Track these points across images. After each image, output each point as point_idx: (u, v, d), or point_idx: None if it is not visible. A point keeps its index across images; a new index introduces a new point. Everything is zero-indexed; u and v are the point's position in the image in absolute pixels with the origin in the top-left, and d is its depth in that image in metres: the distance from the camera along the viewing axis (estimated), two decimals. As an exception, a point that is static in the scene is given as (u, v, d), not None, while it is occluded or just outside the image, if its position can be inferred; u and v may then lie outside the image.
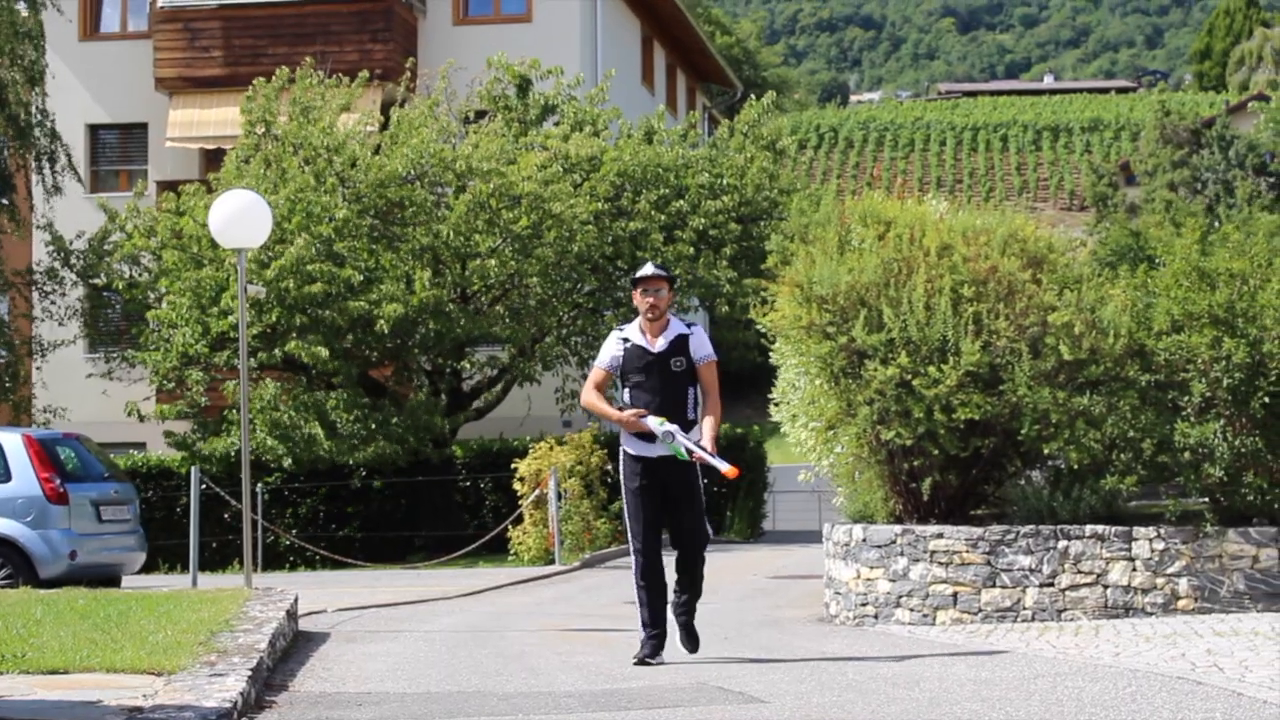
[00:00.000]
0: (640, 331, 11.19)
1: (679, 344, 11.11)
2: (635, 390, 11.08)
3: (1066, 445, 13.34)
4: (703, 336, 11.26)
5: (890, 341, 13.58)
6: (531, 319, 29.25)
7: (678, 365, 11.04)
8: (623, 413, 10.98)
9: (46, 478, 19.13)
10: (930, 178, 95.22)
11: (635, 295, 11.28)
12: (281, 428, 28.12)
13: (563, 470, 25.71)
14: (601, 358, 11.33)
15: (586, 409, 11.56)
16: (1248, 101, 74.56)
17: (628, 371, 11.14)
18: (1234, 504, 13.33)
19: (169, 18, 36.13)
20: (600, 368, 11.30)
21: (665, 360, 11.04)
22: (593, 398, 11.30)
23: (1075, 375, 13.35)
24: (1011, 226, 14.53)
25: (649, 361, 11.06)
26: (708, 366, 11.16)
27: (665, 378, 11.02)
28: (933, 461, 13.82)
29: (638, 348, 11.12)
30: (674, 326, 11.19)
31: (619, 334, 11.31)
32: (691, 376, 11.11)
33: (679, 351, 11.09)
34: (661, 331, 11.13)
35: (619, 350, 11.18)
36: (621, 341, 11.21)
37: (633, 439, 11.05)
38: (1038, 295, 13.64)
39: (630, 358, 11.12)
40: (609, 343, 11.34)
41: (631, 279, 11.52)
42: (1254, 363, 13.05)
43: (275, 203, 26.37)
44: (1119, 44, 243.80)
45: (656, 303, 11.13)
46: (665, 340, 11.09)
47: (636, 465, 11.07)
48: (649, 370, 11.05)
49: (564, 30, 36.13)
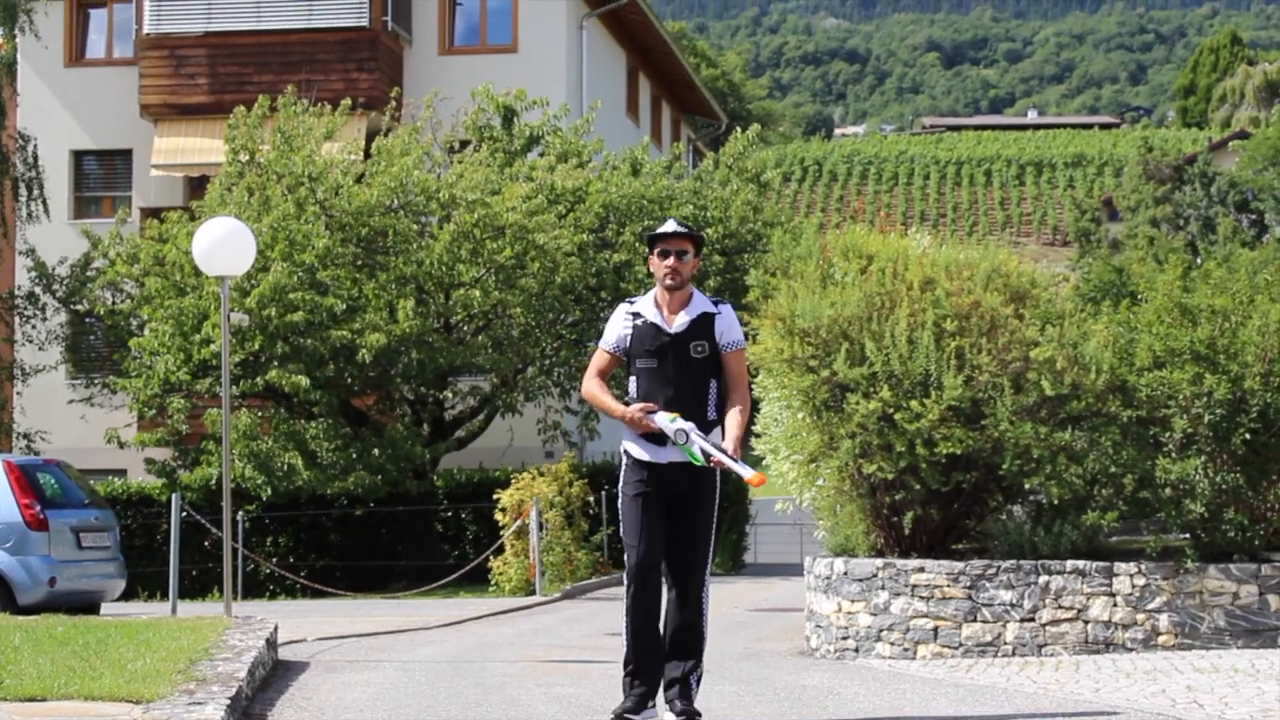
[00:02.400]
0: (655, 305, 9.20)
1: (702, 324, 9.11)
2: (644, 379, 9.12)
3: (1048, 480, 13.35)
4: (732, 318, 9.23)
5: (872, 375, 13.59)
6: (514, 349, 29.25)
7: (699, 350, 9.07)
8: (628, 407, 9.02)
9: (26, 504, 19.09)
10: (914, 211, 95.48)
11: (651, 259, 9.25)
12: (260, 457, 28.09)
13: (544, 501, 25.69)
14: (606, 337, 9.33)
15: (585, 400, 9.60)
16: (1230, 139, 74.98)
17: (636, 355, 9.16)
18: (1215, 540, 13.35)
19: (155, 44, 36.14)
20: (604, 349, 9.30)
21: (684, 343, 9.07)
22: (593, 387, 9.29)
23: (1057, 410, 13.36)
24: (994, 261, 14.55)
25: (664, 343, 9.08)
26: (736, 355, 9.17)
27: (682, 365, 9.05)
28: (914, 495, 13.82)
29: (651, 325, 9.13)
30: (697, 302, 9.20)
31: (628, 308, 9.32)
32: (715, 365, 9.11)
33: (702, 333, 9.09)
34: (682, 306, 9.16)
35: (627, 328, 9.21)
36: (631, 317, 9.24)
37: (638, 440, 9.11)
38: (1020, 330, 13.66)
39: (641, 337, 9.14)
40: (615, 318, 9.33)
41: (647, 237, 9.54)
42: (1235, 399, 13.08)
43: (258, 230, 26.36)
44: (1103, 80, 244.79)
45: (678, 267, 9.10)
46: (686, 317, 9.12)
47: (641, 472, 9.10)
48: (663, 354, 9.07)
49: (550, 61, 36.20)
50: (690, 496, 9.09)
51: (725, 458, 8.84)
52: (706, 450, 8.83)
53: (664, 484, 9.04)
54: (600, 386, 9.27)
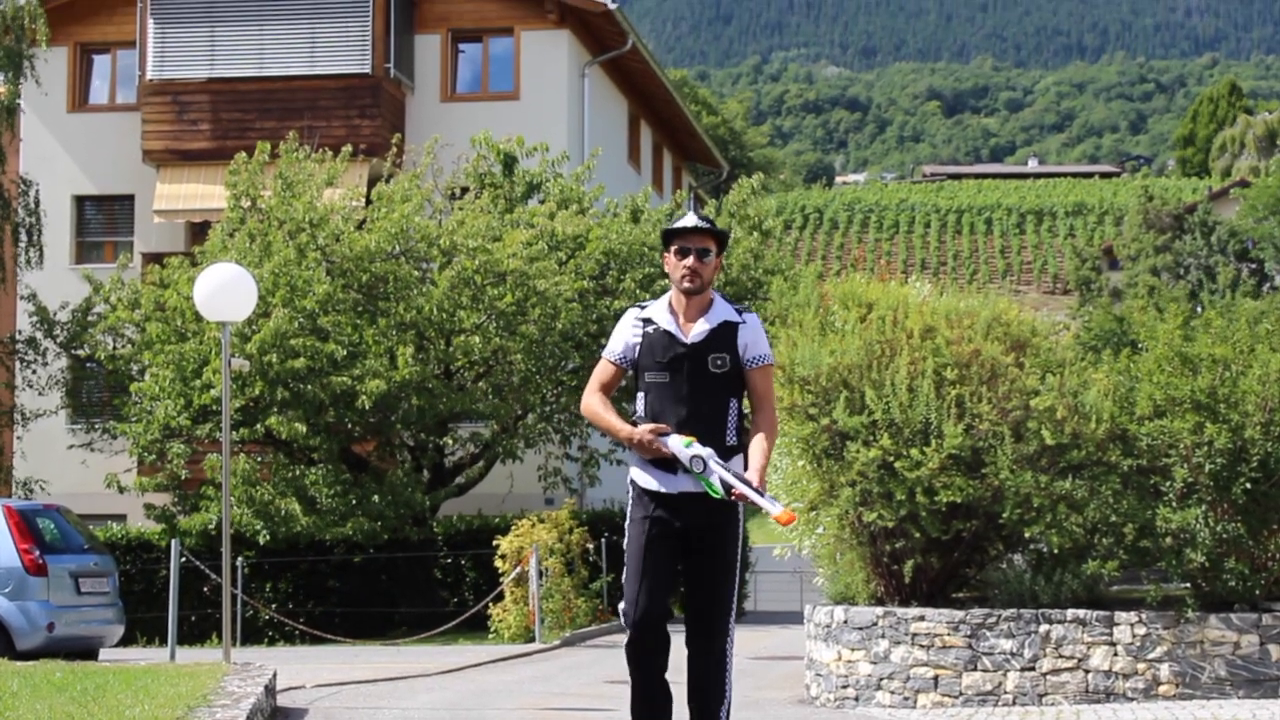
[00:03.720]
0: (669, 311, 8.02)
1: (724, 334, 7.96)
2: (654, 395, 7.93)
3: (1048, 529, 13.33)
4: (759, 328, 8.08)
5: (872, 423, 13.59)
6: (515, 396, 29.25)
7: (719, 364, 7.90)
8: (636, 428, 7.85)
9: (25, 549, 19.06)
10: (914, 260, 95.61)
11: (667, 258, 8.07)
12: (258, 503, 28.08)
13: (544, 548, 25.65)
14: (611, 345, 8.11)
15: (586, 418, 8.22)
16: (1230, 188, 75.18)
17: (646, 367, 7.97)
18: (1215, 589, 13.32)
19: (158, 90, 36.24)
20: (608, 359, 8.08)
21: (702, 355, 7.91)
22: (594, 403, 8.05)
23: (1057, 459, 13.36)
24: (995, 310, 14.57)
25: (679, 355, 7.90)
26: (762, 371, 8.01)
27: (699, 380, 7.89)
28: (914, 544, 13.80)
29: (664, 334, 7.95)
30: (719, 309, 8.04)
31: (638, 313, 8.12)
32: (736, 382, 7.97)
33: (723, 345, 7.94)
34: (701, 313, 7.99)
35: (636, 336, 8.03)
36: (641, 324, 8.04)
37: (647, 466, 7.94)
38: (1020, 379, 13.66)
39: (652, 347, 7.96)
40: (623, 325, 8.14)
41: (663, 232, 8.16)
42: (1236, 448, 13.07)
43: (260, 276, 26.39)
44: (1103, 129, 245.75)
45: (698, 268, 7.96)
46: (706, 326, 7.96)
47: (649, 504, 7.93)
48: (677, 368, 7.90)
49: (552, 108, 36.29)
50: (708, 533, 7.91)
51: (750, 490, 7.65)
52: (728, 481, 7.65)
53: (676, 518, 7.87)
54: (603, 402, 8.04)
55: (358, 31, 35.69)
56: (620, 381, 8.12)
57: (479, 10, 37.08)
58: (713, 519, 7.88)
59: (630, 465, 8.07)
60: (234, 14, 36.19)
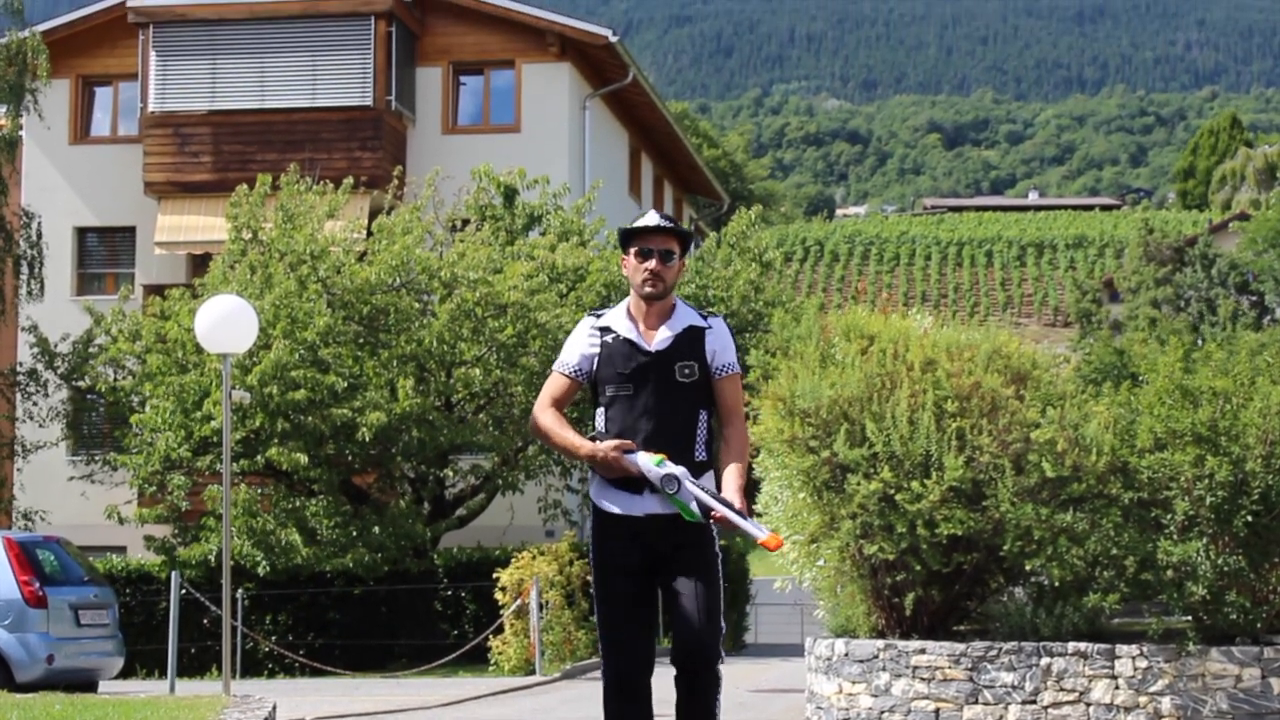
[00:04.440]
0: (628, 318, 7.42)
1: (690, 341, 7.37)
2: (617, 410, 7.31)
3: (1049, 562, 13.31)
4: (726, 334, 7.48)
5: (873, 456, 13.58)
6: (515, 428, 29.23)
7: (686, 374, 7.30)
8: (597, 444, 7.19)
9: (25, 580, 19.05)
10: (915, 292, 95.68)
11: (626, 261, 7.47)
12: (259, 534, 28.06)
13: (544, 580, 25.62)
14: (564, 357, 7.47)
15: (536, 436, 7.47)
16: (1230, 220, 75.28)
17: (606, 380, 7.34)
18: (1217, 623, 13.30)
19: (159, 123, 36.30)
20: (561, 373, 7.44)
21: (667, 364, 7.31)
22: (548, 420, 7.36)
23: (1058, 492, 13.35)
24: (995, 342, 14.56)
25: (642, 365, 7.30)
26: (731, 380, 7.41)
27: (666, 391, 7.28)
28: (915, 576, 13.78)
29: (624, 343, 7.34)
30: (682, 314, 7.44)
31: (593, 321, 7.49)
32: (705, 393, 7.37)
33: (689, 353, 7.34)
34: (663, 319, 7.40)
35: (593, 346, 7.41)
36: (598, 333, 7.42)
37: (610, 489, 7.30)
38: (1021, 411, 13.66)
39: (612, 358, 7.34)
40: (577, 335, 7.50)
41: (621, 232, 7.58)
42: (1237, 481, 13.06)
43: (260, 308, 26.41)
44: (1103, 162, 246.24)
45: (660, 271, 7.35)
46: (669, 333, 7.36)
47: (616, 530, 7.28)
48: (641, 378, 7.28)
49: (553, 141, 36.35)
50: (681, 552, 7.23)
51: (731, 513, 6.99)
52: (705, 503, 6.98)
53: (644, 545, 7.21)
54: (557, 419, 7.33)
55: (359, 64, 35.77)
56: (573, 397, 7.47)
57: (480, 43, 37.16)
58: (684, 536, 7.19)
59: (593, 491, 7.39)
60: (236, 47, 36.28)
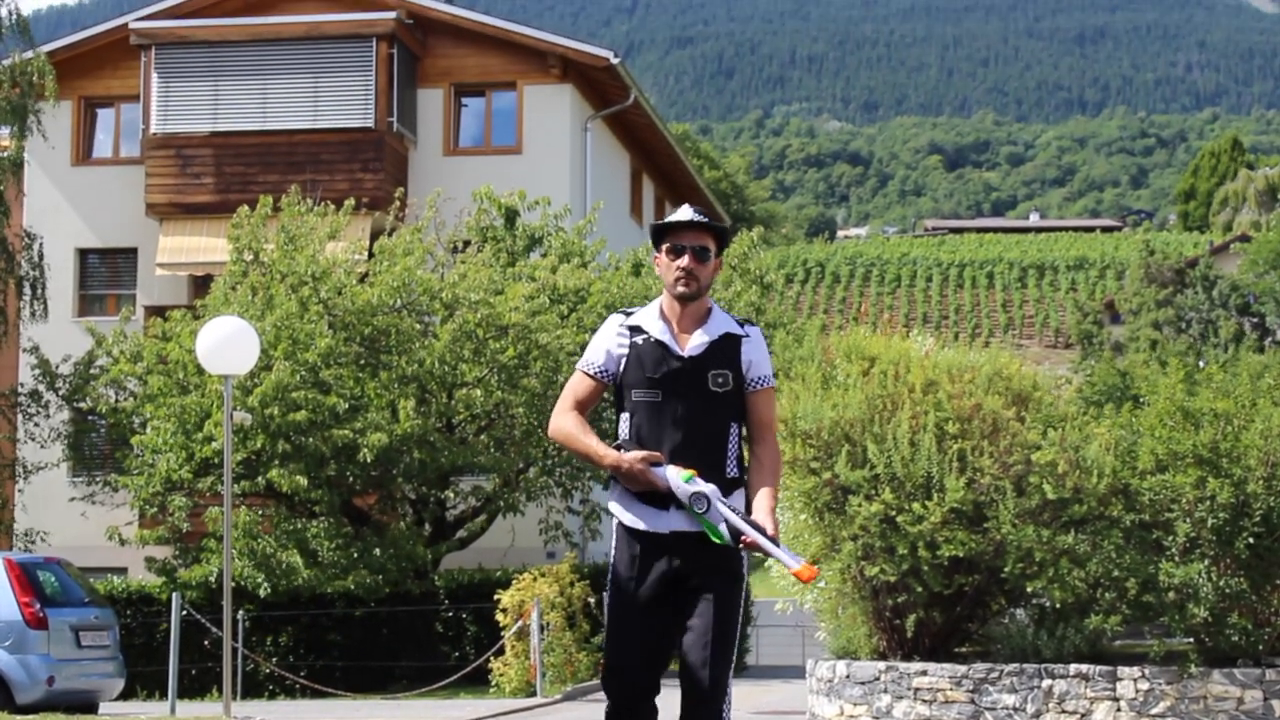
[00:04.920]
0: (661, 319, 6.81)
1: (725, 349, 6.77)
2: (643, 417, 6.71)
3: (1051, 584, 13.32)
4: (762, 345, 6.91)
5: (874, 477, 13.58)
6: (516, 449, 29.22)
7: (720, 383, 6.68)
8: (623, 454, 6.60)
9: (26, 602, 19.03)
10: (916, 314, 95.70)
11: (658, 259, 6.88)
12: (259, 556, 28.04)
13: (546, 602, 25.60)
14: (590, 356, 6.89)
15: (556, 440, 6.90)
16: (1231, 242, 75.29)
17: (633, 384, 6.74)
18: (1219, 645, 13.29)
19: (161, 144, 36.33)
20: (586, 372, 6.86)
21: (701, 371, 6.70)
22: (569, 424, 6.79)
23: (1059, 514, 13.35)
24: (996, 364, 14.58)
25: (673, 370, 6.68)
26: (766, 395, 6.80)
27: (698, 401, 6.67)
28: (917, 598, 13.78)
29: (655, 345, 6.73)
30: (719, 319, 6.83)
31: (623, 320, 6.91)
32: (738, 405, 6.77)
33: (725, 361, 6.74)
34: (699, 323, 6.79)
35: (623, 346, 6.81)
36: (628, 332, 6.82)
37: (631, 501, 6.73)
38: (1022, 433, 13.67)
39: (641, 361, 6.73)
40: (605, 333, 6.90)
41: (653, 228, 6.95)
42: (1238, 503, 13.06)
43: (262, 329, 26.41)
44: (1104, 183, 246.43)
45: (695, 269, 6.76)
46: (705, 338, 6.76)
47: (633, 547, 6.74)
48: (671, 385, 6.67)
49: (554, 162, 36.37)
50: (705, 576, 6.67)
51: (763, 538, 6.42)
52: (736, 526, 6.42)
53: (668, 564, 6.67)
54: (579, 423, 6.76)
55: (361, 86, 35.80)
56: (598, 400, 6.88)
57: (482, 65, 37.20)
58: (712, 559, 6.63)
59: (614, 504, 6.86)
60: (237, 68, 36.31)
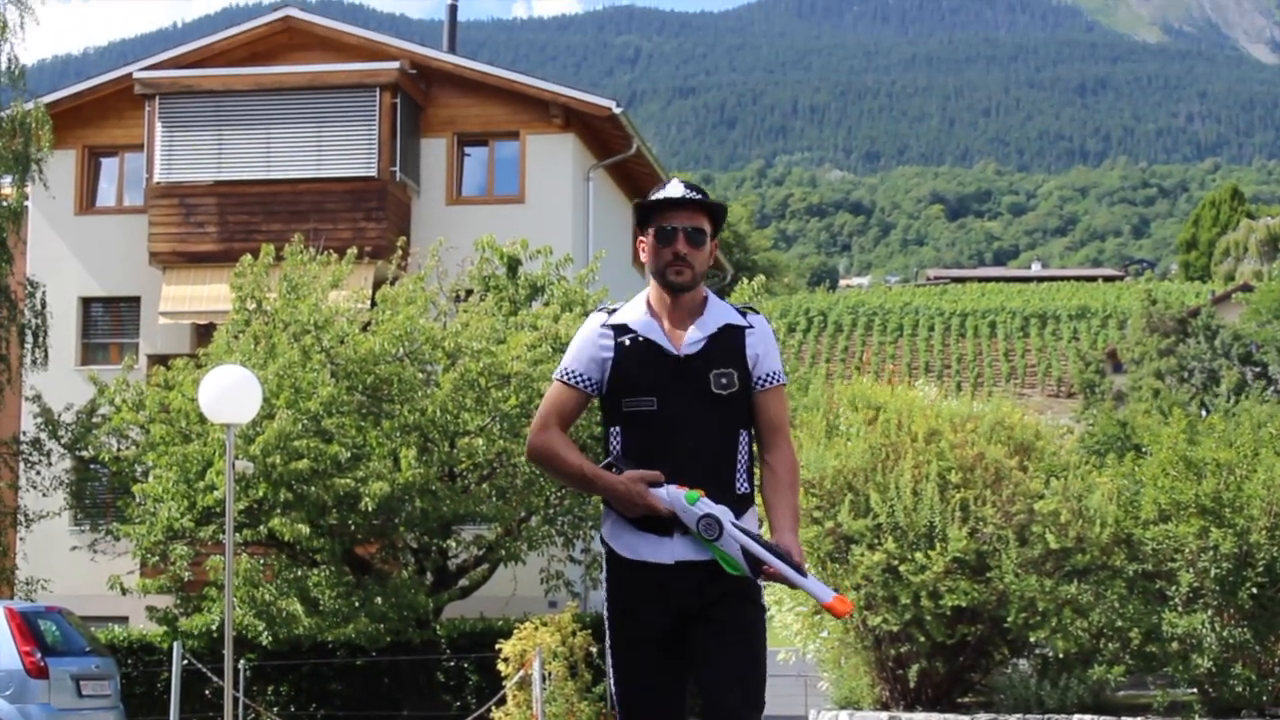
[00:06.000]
0: (649, 314, 5.79)
1: (727, 343, 5.74)
2: (636, 431, 5.65)
3: (1054, 634, 13.30)
4: (769, 337, 5.88)
5: (877, 527, 13.58)
6: (518, 498, 29.18)
7: (724, 384, 5.62)
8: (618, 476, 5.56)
9: (27, 651, 19.01)
10: (919, 363, 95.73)
11: (643, 243, 6.00)
12: (260, 604, 27.99)
13: (547, 651, 25.55)
14: (568, 362, 5.84)
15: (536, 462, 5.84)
16: (1233, 292, 75.40)
17: (622, 391, 5.69)
18: (1223, 695, 13.26)
19: (165, 193, 36.40)
20: (563, 381, 5.81)
21: (700, 371, 5.65)
22: (550, 441, 5.74)
23: (1062, 563, 13.34)
24: (999, 413, 14.59)
25: (668, 373, 5.64)
26: (775, 394, 5.77)
27: (699, 407, 5.62)
28: (919, 648, 13.75)
29: (644, 345, 5.70)
30: (716, 310, 5.82)
31: (603, 318, 5.87)
32: (746, 409, 5.72)
33: (726, 357, 5.70)
34: (694, 316, 5.77)
35: (606, 349, 5.76)
36: (611, 332, 5.79)
37: (630, 530, 5.64)
38: (1025, 482, 13.67)
39: (629, 363, 5.69)
40: (585, 335, 5.90)
41: (637, 206, 6.18)
42: (1241, 553, 13.05)
43: (264, 378, 26.42)
44: (1106, 233, 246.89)
45: (688, 254, 5.78)
46: (701, 334, 5.73)
47: (637, 582, 5.63)
48: (666, 390, 5.62)
49: (557, 211, 36.45)
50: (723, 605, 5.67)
51: (787, 567, 5.42)
52: (754, 554, 5.43)
53: (673, 600, 5.60)
54: (562, 441, 5.76)
55: (364, 135, 35.91)
56: (581, 413, 5.88)
57: (485, 115, 37.32)
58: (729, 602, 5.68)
59: (606, 533, 5.86)
60: (241, 118, 36.42)
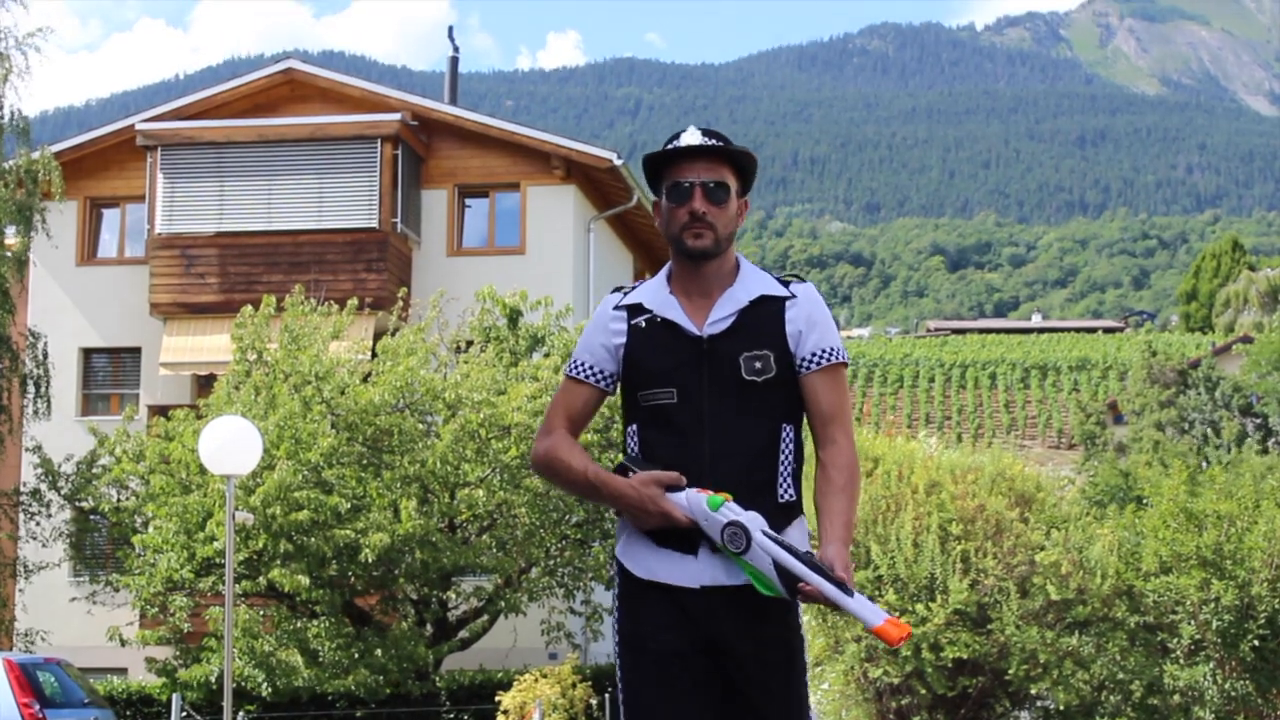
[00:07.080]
0: (668, 290, 4.93)
1: (761, 318, 4.91)
2: (654, 427, 4.81)
3: (1055, 686, 13.26)
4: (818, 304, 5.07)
5: (878, 578, 13.55)
6: (519, 550, 29.14)
7: (758, 368, 4.78)
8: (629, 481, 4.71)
9: (26, 703, 18.96)
10: (919, 414, 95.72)
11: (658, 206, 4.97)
12: (259, 656, 27.91)
13: (547, 703, 25.48)
14: (578, 353, 5.08)
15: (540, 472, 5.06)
16: (1234, 343, 75.46)
17: (639, 382, 4.86)
18: (1224, 748, 13.22)
19: (166, 244, 36.46)
20: (573, 377, 4.99)
21: (728, 355, 4.81)
22: (555, 445, 4.96)
23: (1063, 615, 13.31)
24: (999, 465, 14.59)
25: (690, 357, 4.80)
26: (830, 375, 4.91)
27: (728, 396, 4.76)
28: (921, 700, 13.72)
29: (662, 326, 4.86)
30: (750, 279, 5.00)
31: (617, 299, 5.02)
32: (788, 398, 4.85)
33: (760, 337, 4.86)
34: (721, 288, 4.93)
35: (619, 334, 4.92)
36: (624, 314, 4.95)
37: (646, 546, 4.79)
38: (1025, 534, 13.65)
39: (645, 349, 4.86)
40: (597, 320, 5.03)
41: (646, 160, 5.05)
42: (1243, 605, 13.02)
43: (264, 429, 26.41)
44: (1106, 284, 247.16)
45: (710, 212, 4.84)
46: (731, 308, 4.90)
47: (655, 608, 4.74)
48: (688, 377, 4.78)
49: (558, 262, 36.50)
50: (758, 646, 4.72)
51: (829, 585, 4.44)
52: (790, 569, 4.45)
53: (700, 630, 4.69)
54: (567, 445, 4.91)
55: (365, 187, 36.00)
56: (596, 410, 5.06)
57: (486, 166, 37.41)
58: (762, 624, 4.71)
59: (619, 549, 5.01)
60: (243, 169, 36.51)
